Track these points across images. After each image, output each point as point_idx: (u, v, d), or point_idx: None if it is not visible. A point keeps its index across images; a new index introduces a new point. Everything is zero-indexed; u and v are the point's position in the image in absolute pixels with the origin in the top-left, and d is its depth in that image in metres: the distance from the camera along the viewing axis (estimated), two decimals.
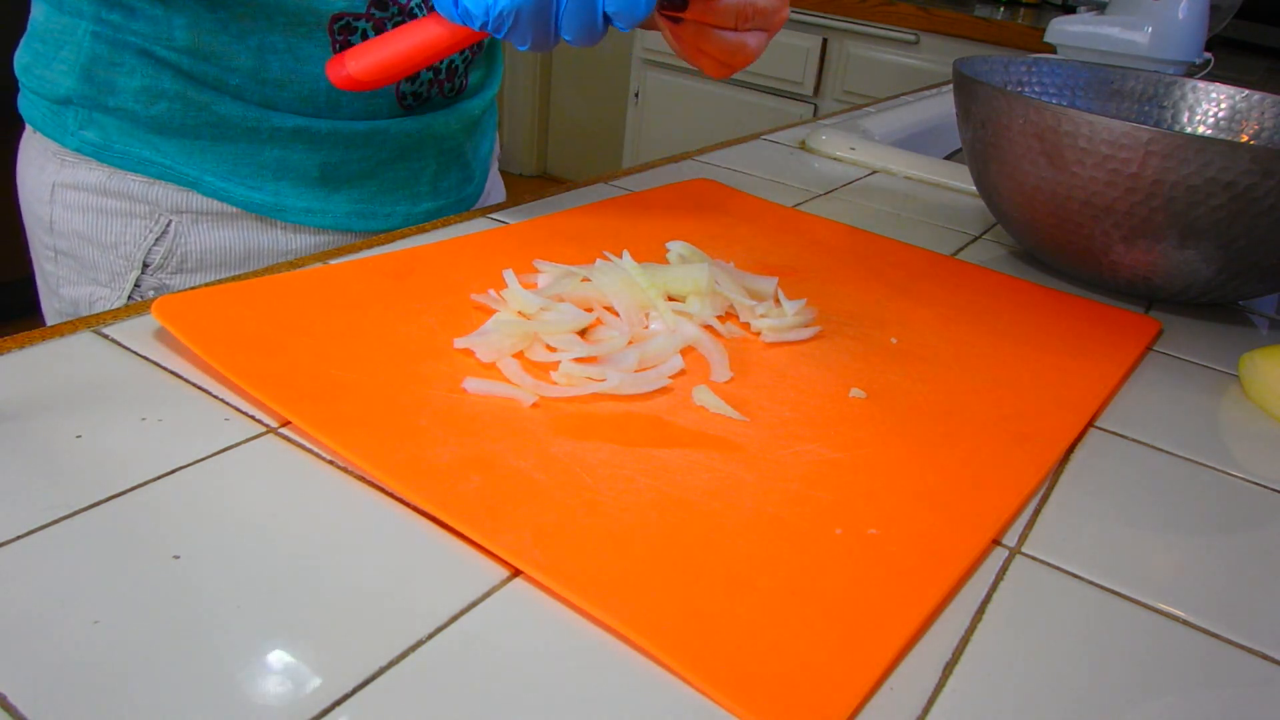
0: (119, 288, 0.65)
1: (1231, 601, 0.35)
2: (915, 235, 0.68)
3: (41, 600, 0.28)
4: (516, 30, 0.49)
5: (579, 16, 0.50)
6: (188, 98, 0.61)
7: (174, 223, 0.63)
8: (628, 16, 0.50)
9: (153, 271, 0.65)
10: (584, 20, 0.50)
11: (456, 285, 0.49)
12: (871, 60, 2.18)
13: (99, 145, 0.62)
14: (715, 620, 0.30)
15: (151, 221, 0.63)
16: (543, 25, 0.50)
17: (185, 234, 0.64)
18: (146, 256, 0.64)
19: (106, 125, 0.62)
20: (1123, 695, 0.30)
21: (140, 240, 0.64)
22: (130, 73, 0.60)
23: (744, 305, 0.49)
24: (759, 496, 0.36)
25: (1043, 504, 0.39)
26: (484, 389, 0.40)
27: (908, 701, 0.28)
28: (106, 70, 0.60)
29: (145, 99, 0.60)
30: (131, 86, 0.60)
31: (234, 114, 0.62)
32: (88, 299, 0.66)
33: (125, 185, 0.63)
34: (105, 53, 0.60)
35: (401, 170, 0.69)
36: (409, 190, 0.70)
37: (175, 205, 0.63)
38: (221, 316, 0.42)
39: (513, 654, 0.28)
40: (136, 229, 0.64)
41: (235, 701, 0.25)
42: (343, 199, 0.67)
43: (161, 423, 0.36)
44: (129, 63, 0.60)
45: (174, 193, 0.63)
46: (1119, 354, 0.52)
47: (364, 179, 0.68)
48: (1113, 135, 0.52)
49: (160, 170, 0.62)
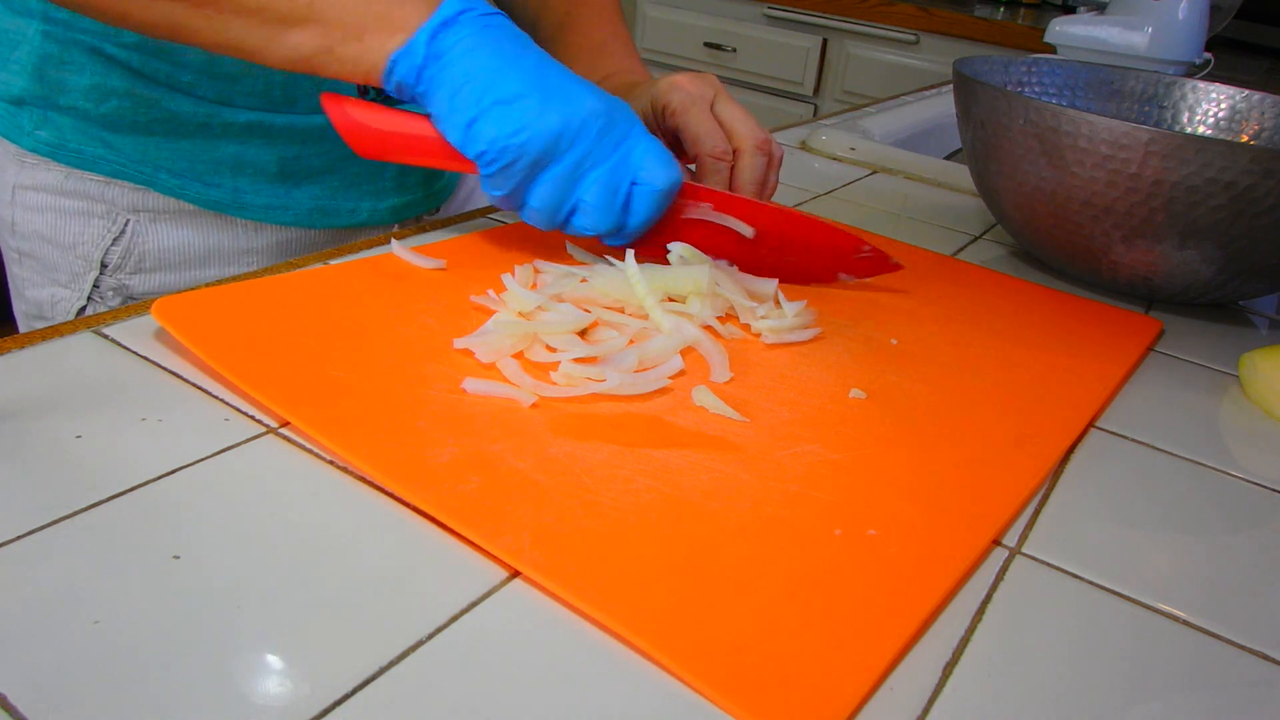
0: (78, 288, 0.64)
1: (1231, 601, 0.35)
2: (915, 235, 0.68)
3: (41, 600, 0.28)
4: (510, 178, 0.47)
5: (604, 185, 0.48)
6: (137, 94, 0.60)
7: (131, 222, 0.63)
8: (648, 188, 0.49)
9: (111, 272, 0.64)
10: (608, 191, 0.48)
11: (456, 285, 0.49)
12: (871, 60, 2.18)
13: (55, 145, 0.61)
14: (715, 621, 0.30)
15: (109, 221, 0.63)
16: (556, 188, 0.48)
17: (143, 233, 0.63)
18: (105, 256, 0.63)
19: (61, 124, 0.61)
20: (1122, 695, 0.30)
21: (98, 240, 0.63)
22: (80, 71, 0.59)
23: (744, 306, 0.49)
24: (758, 497, 0.36)
25: (1043, 504, 0.39)
26: (483, 389, 0.40)
27: (908, 701, 0.28)
28: (57, 69, 0.60)
29: (96, 97, 0.60)
30: (81, 85, 0.60)
31: (186, 110, 0.61)
32: (50, 300, 0.66)
33: (82, 185, 0.62)
34: (56, 51, 0.59)
35: (364, 165, 0.68)
36: (373, 185, 0.69)
37: (132, 204, 0.62)
38: (221, 317, 0.42)
39: (512, 654, 0.28)
40: (95, 229, 0.63)
41: (235, 701, 0.25)
42: (304, 195, 0.66)
43: (161, 423, 0.36)
44: (78, 61, 0.59)
45: (130, 191, 0.62)
46: (1119, 354, 0.52)
47: (325, 174, 0.67)
48: (1113, 135, 0.52)
49: (115, 169, 0.61)
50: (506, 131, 0.46)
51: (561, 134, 0.47)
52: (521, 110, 0.46)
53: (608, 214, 0.49)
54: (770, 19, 2.28)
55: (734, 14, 2.34)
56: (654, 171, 0.49)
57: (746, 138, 0.56)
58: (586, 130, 0.47)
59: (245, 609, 0.28)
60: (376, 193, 0.70)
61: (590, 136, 0.48)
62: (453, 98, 0.47)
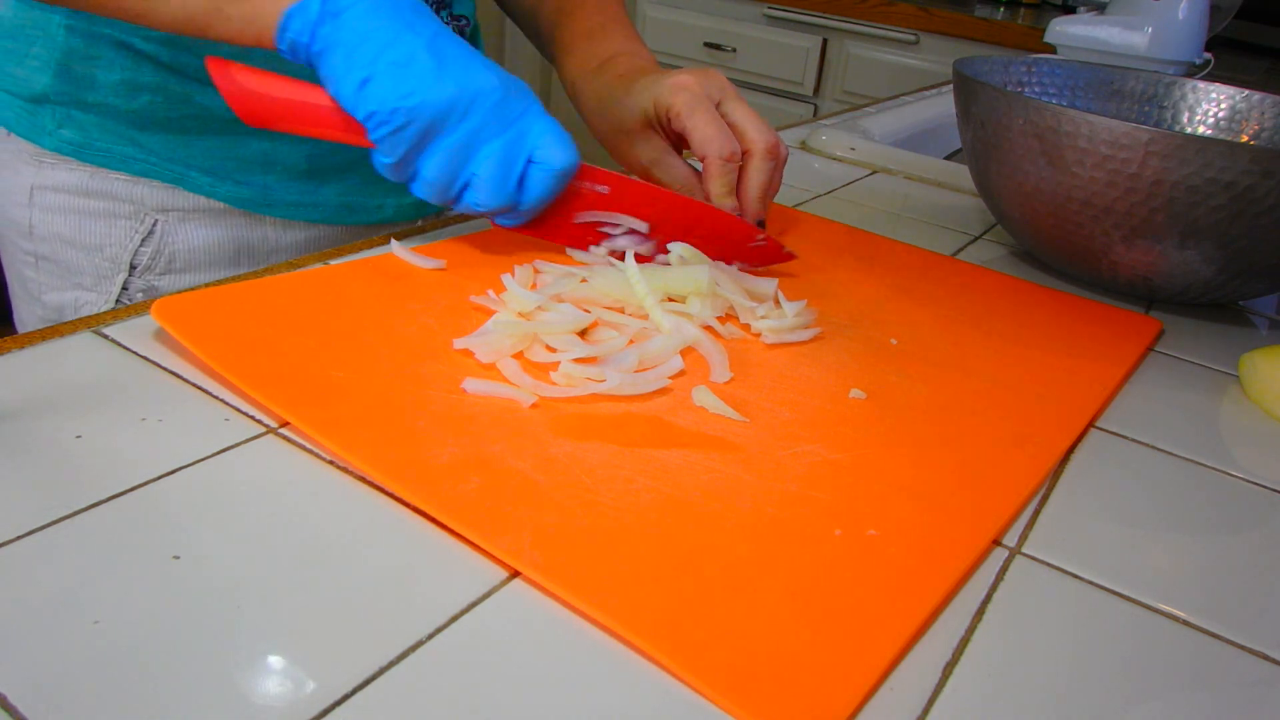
0: (106, 291, 0.64)
1: (1231, 601, 0.35)
2: (915, 235, 0.68)
3: (41, 600, 0.28)
4: (400, 143, 0.46)
5: (498, 163, 0.47)
6: (169, 90, 0.59)
7: (160, 222, 0.62)
8: (547, 168, 0.48)
9: (140, 273, 0.63)
10: (502, 166, 0.47)
11: (456, 285, 0.49)
12: (871, 60, 2.18)
13: (79, 144, 0.60)
14: (715, 621, 0.30)
15: (137, 221, 0.62)
16: (448, 160, 0.47)
17: (173, 233, 0.62)
18: (133, 258, 0.62)
19: (86, 123, 0.60)
20: (1122, 695, 0.30)
21: (126, 241, 0.62)
22: (109, 66, 0.58)
23: (744, 306, 0.49)
24: (759, 497, 0.36)
25: (1043, 504, 0.39)
26: (483, 390, 0.40)
27: (908, 701, 0.28)
28: (83, 64, 0.58)
29: (125, 93, 0.59)
30: (110, 80, 0.58)
31: (217, 105, 0.59)
32: (73, 304, 0.65)
33: (108, 185, 0.61)
34: (81, 46, 0.58)
35: None
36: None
37: (161, 203, 0.62)
38: (221, 317, 0.42)
39: (512, 655, 0.28)
40: (121, 230, 0.62)
41: (235, 702, 0.25)
42: (331, 191, 0.66)
43: (161, 423, 0.36)
44: (106, 56, 0.58)
45: (159, 190, 0.61)
46: (1119, 354, 0.52)
47: (351, 169, 0.66)
48: (1113, 135, 0.52)
49: (144, 167, 0.61)
50: (400, 93, 0.45)
51: (455, 102, 0.46)
52: (417, 72, 0.45)
53: (500, 191, 0.48)
54: (770, 19, 2.28)
55: (734, 14, 2.34)
56: (551, 150, 0.49)
57: (757, 141, 0.56)
58: (481, 101, 0.47)
59: (245, 609, 0.28)
60: (400, 188, 0.69)
61: (485, 109, 0.47)
62: (349, 56, 0.46)
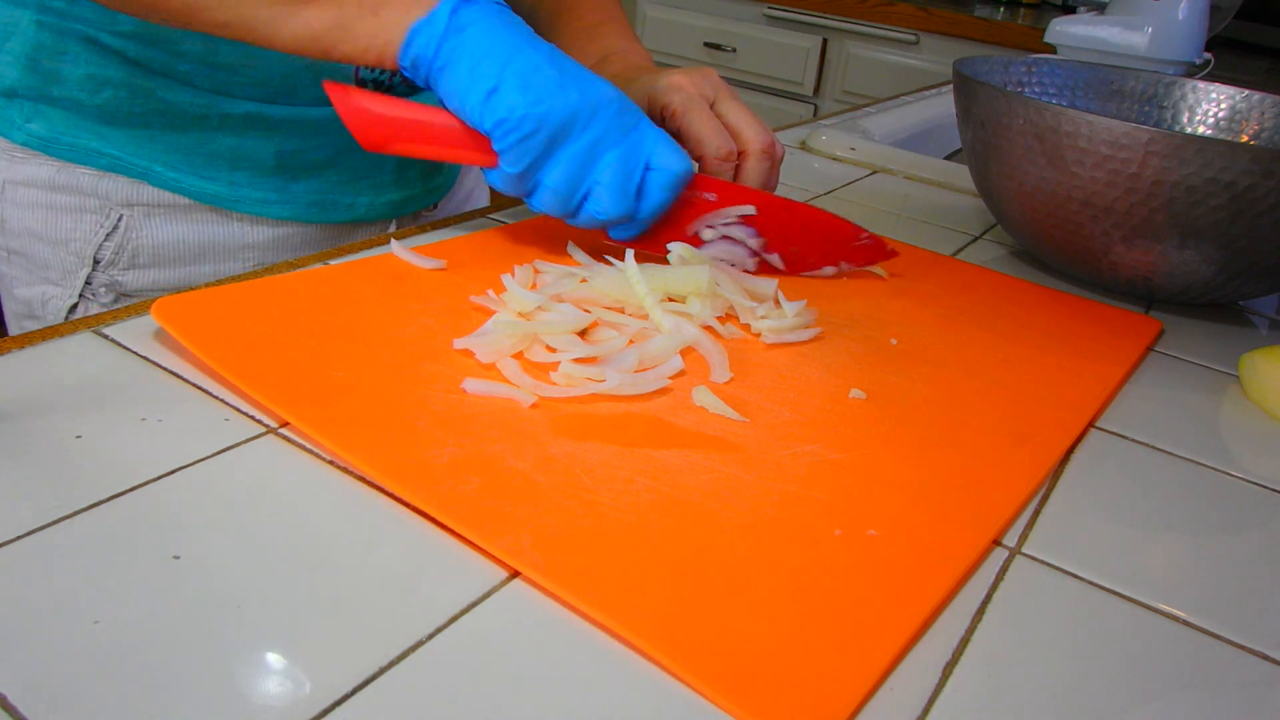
0: (70, 285, 0.63)
1: (1231, 601, 0.35)
2: (915, 235, 0.68)
3: (41, 600, 0.28)
4: (527, 151, 0.47)
5: (620, 170, 0.48)
6: (134, 85, 0.59)
7: (125, 217, 0.62)
8: (665, 174, 0.49)
9: (104, 268, 0.63)
10: (623, 173, 0.49)
11: (456, 286, 0.49)
12: (871, 60, 2.18)
13: (47, 138, 0.60)
14: (715, 621, 0.30)
15: (102, 216, 0.62)
16: (573, 166, 0.48)
17: (137, 228, 0.62)
18: (97, 252, 0.62)
19: (53, 117, 0.60)
20: (1122, 695, 0.30)
21: (91, 236, 0.62)
22: (75, 61, 0.58)
23: (744, 306, 0.49)
24: (758, 497, 0.36)
25: (1043, 504, 0.39)
26: (483, 390, 0.40)
27: (908, 701, 0.28)
28: (51, 59, 0.58)
29: (91, 87, 0.59)
30: (76, 75, 0.59)
31: (183, 101, 0.60)
32: (40, 299, 0.65)
33: (75, 179, 0.61)
34: (50, 41, 0.58)
35: (363, 158, 0.67)
36: (372, 180, 0.69)
37: (126, 198, 0.62)
38: (221, 317, 0.42)
39: (512, 655, 0.28)
40: (88, 224, 0.62)
41: (235, 701, 0.25)
42: (302, 189, 0.66)
43: (161, 423, 0.36)
44: (73, 50, 0.58)
45: (125, 185, 0.61)
46: (1119, 354, 0.52)
47: (324, 168, 0.66)
48: (1113, 135, 0.52)
49: (110, 162, 0.61)
50: (529, 99, 0.46)
51: (579, 110, 0.47)
52: (542, 81, 0.47)
53: (622, 198, 0.49)
54: (770, 19, 2.28)
55: (734, 14, 2.34)
56: (668, 157, 0.50)
57: (753, 141, 0.56)
58: (603, 110, 0.48)
59: (245, 609, 0.28)
60: (375, 187, 0.69)
61: (606, 118, 0.48)
62: (474, 68, 0.47)
